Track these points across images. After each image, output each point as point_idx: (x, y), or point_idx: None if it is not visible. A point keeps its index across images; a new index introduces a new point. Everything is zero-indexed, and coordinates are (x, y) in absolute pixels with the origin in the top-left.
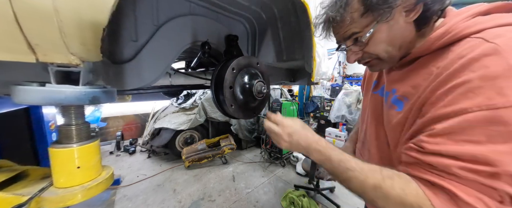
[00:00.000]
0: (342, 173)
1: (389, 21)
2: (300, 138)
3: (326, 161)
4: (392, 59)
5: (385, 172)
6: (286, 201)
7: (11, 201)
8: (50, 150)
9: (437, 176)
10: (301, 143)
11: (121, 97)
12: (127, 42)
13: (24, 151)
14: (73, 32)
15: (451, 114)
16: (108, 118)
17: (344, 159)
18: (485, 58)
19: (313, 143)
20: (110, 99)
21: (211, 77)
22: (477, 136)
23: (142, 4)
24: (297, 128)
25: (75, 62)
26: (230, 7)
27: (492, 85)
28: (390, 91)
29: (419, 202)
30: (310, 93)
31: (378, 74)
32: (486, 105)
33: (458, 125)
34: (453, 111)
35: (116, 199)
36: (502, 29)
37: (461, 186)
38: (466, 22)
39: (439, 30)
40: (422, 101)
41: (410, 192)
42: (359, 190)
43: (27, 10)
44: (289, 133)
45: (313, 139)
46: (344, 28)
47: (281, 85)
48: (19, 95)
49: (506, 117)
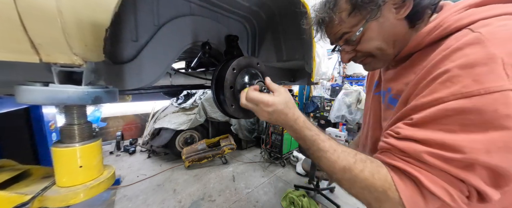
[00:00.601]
0: (314, 152)
1: (378, 18)
2: (279, 118)
3: (300, 140)
4: (386, 56)
5: (358, 156)
6: (286, 201)
7: (14, 200)
8: (53, 149)
9: (406, 163)
10: (279, 122)
11: (121, 97)
12: (128, 43)
13: (24, 151)
14: (76, 33)
15: (429, 104)
16: (108, 118)
17: (318, 139)
18: (466, 48)
19: (290, 121)
20: (112, 99)
21: (212, 77)
22: (451, 125)
23: (143, 5)
24: (278, 108)
25: (78, 62)
26: (230, 7)
27: (469, 73)
28: (386, 90)
29: (385, 187)
30: (310, 93)
31: (379, 75)
32: (461, 93)
33: (434, 115)
34: (431, 100)
35: (116, 199)
36: (492, 19)
37: (429, 175)
38: (459, 14)
39: (430, 25)
40: (408, 95)
41: (378, 177)
42: (328, 170)
43: (31, 11)
44: (269, 112)
45: (291, 119)
46: (334, 28)
47: (281, 85)
48: (23, 95)
49: (480, 105)
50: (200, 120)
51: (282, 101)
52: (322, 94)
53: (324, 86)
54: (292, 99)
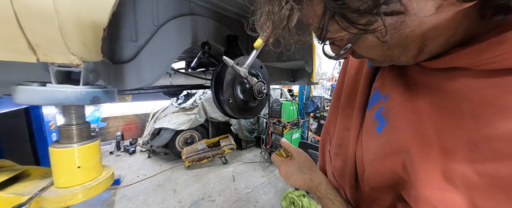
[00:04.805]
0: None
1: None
2: (296, 183)
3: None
4: (403, 60)
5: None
6: (286, 201)
7: (12, 200)
8: (51, 150)
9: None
10: (300, 186)
11: (121, 97)
12: (127, 42)
13: (24, 151)
14: (73, 32)
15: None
16: (108, 118)
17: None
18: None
19: (312, 188)
20: (111, 99)
21: (212, 77)
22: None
23: (142, 4)
24: (291, 171)
25: (75, 62)
26: (231, 7)
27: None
28: (382, 96)
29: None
30: (310, 93)
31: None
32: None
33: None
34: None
35: (116, 199)
36: None
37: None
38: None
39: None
40: (442, 145)
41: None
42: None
43: (28, 11)
44: (286, 177)
45: (311, 185)
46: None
47: (281, 85)
48: (20, 95)
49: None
50: (200, 120)
51: (295, 166)
52: (322, 94)
53: (324, 86)
54: (309, 161)
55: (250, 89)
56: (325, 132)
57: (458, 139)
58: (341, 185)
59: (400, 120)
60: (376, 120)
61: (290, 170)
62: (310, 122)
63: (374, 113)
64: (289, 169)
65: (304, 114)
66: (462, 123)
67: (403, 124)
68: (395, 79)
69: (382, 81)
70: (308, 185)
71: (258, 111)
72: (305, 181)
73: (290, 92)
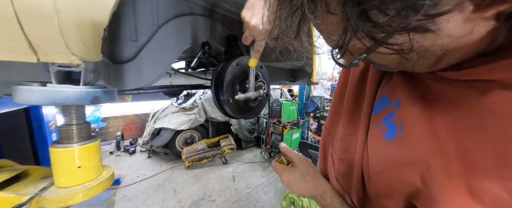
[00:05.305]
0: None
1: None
2: (300, 190)
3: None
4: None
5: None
6: (286, 201)
7: (12, 200)
8: (51, 149)
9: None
10: (304, 194)
11: (121, 97)
12: (127, 42)
13: (24, 151)
14: (74, 32)
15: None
16: (108, 118)
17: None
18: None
19: (317, 196)
20: (111, 99)
21: (212, 77)
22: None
23: (142, 4)
24: (294, 179)
25: (76, 62)
26: (231, 7)
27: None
28: (392, 101)
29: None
30: (310, 93)
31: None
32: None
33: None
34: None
35: (116, 199)
36: None
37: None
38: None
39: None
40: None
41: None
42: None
43: (28, 10)
44: (288, 186)
45: (316, 193)
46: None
47: (281, 85)
48: (20, 95)
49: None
50: (200, 120)
51: (297, 175)
52: (322, 94)
53: (324, 86)
54: (311, 168)
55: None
56: (326, 133)
57: (483, 154)
58: (346, 190)
59: (416, 130)
60: (384, 126)
61: (292, 178)
62: (310, 122)
63: (382, 118)
64: (292, 178)
65: (304, 114)
66: (487, 138)
67: (420, 135)
68: (407, 85)
69: (392, 86)
70: (312, 193)
71: (258, 111)
72: (309, 190)
73: (290, 92)
